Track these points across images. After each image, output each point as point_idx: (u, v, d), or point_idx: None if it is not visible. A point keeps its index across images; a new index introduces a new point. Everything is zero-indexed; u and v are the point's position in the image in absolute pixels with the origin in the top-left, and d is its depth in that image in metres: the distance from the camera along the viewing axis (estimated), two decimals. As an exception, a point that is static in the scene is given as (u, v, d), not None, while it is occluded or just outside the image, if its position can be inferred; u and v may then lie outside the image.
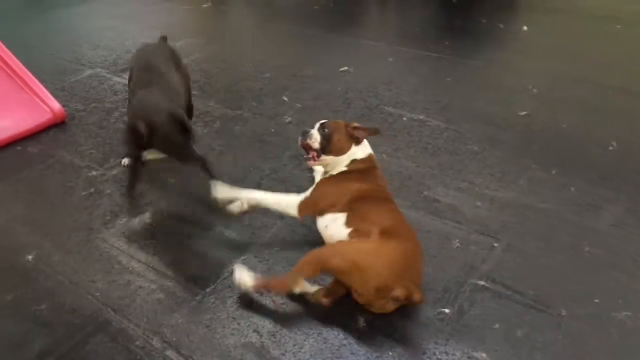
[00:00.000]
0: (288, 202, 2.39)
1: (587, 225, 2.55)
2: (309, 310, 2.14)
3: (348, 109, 3.64)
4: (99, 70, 4.36)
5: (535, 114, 3.48)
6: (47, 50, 4.75)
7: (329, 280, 2.14)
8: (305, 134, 2.38)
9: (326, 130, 2.35)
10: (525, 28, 4.87)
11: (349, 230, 2.19)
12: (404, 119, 3.51)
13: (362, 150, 2.38)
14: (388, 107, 3.65)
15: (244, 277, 2.14)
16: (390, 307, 2.02)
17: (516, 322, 2.08)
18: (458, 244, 2.47)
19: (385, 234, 2.09)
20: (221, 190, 2.51)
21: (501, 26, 4.98)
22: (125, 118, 3.41)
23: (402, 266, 1.97)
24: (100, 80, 4.18)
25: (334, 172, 2.39)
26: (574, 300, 2.16)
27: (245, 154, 3.21)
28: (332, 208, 2.27)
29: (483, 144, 3.19)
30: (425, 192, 2.81)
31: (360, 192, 2.27)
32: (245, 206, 2.50)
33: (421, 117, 3.52)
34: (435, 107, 3.64)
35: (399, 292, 1.93)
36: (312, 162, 2.39)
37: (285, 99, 3.79)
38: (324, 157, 2.36)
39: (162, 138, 2.54)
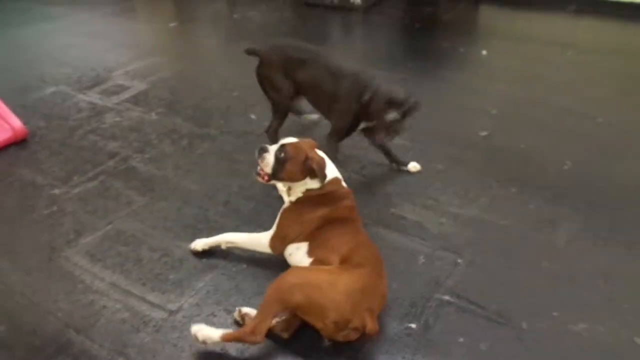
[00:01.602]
0: (260, 242, 2.42)
1: (545, 242, 2.65)
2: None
3: (315, 128, 3.69)
4: (62, 87, 4.29)
5: (495, 134, 3.62)
6: (7, 67, 4.65)
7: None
8: (261, 153, 2.33)
9: (283, 155, 2.29)
10: (484, 52, 5.06)
11: (311, 259, 2.24)
12: (370, 138, 3.58)
13: (314, 183, 2.34)
14: (354, 127, 3.71)
15: (205, 332, 2.00)
16: (353, 336, 2.00)
17: (479, 336, 2.14)
18: (423, 260, 2.53)
19: (345, 261, 2.12)
20: (199, 243, 2.53)
21: (461, 50, 5.17)
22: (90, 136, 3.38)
23: (359, 296, 1.97)
24: (63, 98, 4.12)
25: (293, 198, 2.40)
26: (533, 314, 2.24)
27: (213, 171, 3.21)
28: (297, 238, 2.31)
29: (447, 163, 3.29)
30: (392, 209, 2.87)
31: (322, 220, 2.29)
32: (224, 247, 2.52)
33: (387, 136, 3.59)
34: (400, 127, 3.72)
35: (357, 323, 1.95)
36: (260, 180, 2.37)
37: (253, 117, 3.82)
38: (273, 181, 2.37)
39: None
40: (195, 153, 3.40)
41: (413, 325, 2.17)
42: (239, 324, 2.16)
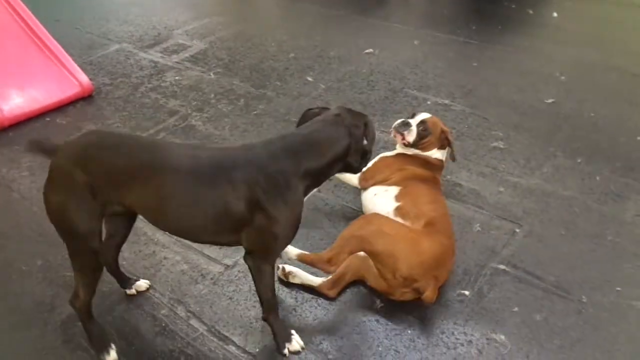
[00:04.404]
0: (352, 175, 2.49)
1: (611, 215, 2.53)
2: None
3: (372, 91, 3.64)
4: (125, 45, 4.41)
5: (563, 102, 3.43)
6: (74, 25, 4.79)
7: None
8: (404, 127, 2.43)
9: (424, 131, 2.43)
10: (555, 14, 4.77)
11: (396, 204, 2.25)
12: (429, 102, 3.49)
13: (439, 154, 2.48)
14: (412, 91, 3.63)
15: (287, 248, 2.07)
16: (409, 296, 2.04)
17: (535, 307, 2.09)
18: (479, 228, 2.47)
19: (430, 225, 2.13)
20: None
21: (530, 12, 4.89)
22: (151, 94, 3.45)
23: (433, 262, 2.01)
24: (127, 55, 4.23)
25: (397, 150, 2.52)
26: (594, 288, 2.16)
27: (268, 132, 3.22)
28: (385, 181, 2.39)
29: (508, 130, 3.17)
30: (448, 176, 2.81)
31: (414, 175, 2.37)
32: None
33: (446, 101, 3.50)
34: (461, 91, 3.61)
35: (420, 285, 1.98)
36: (399, 139, 2.45)
37: (310, 79, 3.80)
38: (409, 149, 2.47)
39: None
40: (252, 114, 3.43)
41: (466, 292, 2.15)
42: (283, 282, 2.20)
